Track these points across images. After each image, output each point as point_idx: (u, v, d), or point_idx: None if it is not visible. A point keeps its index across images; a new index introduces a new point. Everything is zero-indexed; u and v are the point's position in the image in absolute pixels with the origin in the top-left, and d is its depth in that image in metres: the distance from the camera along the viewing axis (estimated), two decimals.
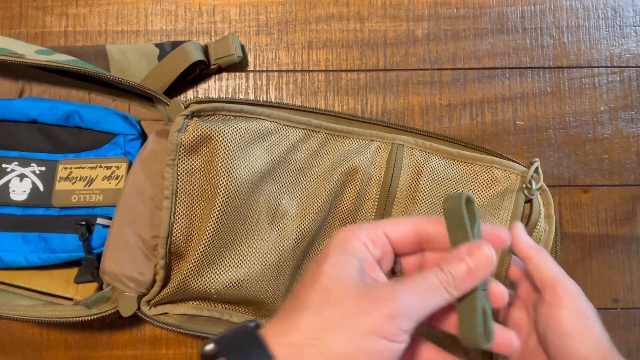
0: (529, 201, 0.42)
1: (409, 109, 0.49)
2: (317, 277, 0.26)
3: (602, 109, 0.49)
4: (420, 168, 0.43)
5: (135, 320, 0.46)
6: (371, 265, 0.27)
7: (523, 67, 0.49)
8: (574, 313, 0.32)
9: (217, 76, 0.49)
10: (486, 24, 0.49)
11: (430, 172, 0.43)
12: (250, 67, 0.49)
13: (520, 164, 0.43)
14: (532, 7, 0.50)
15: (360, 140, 0.44)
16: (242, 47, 0.48)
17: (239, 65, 0.48)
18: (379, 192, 0.43)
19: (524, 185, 0.42)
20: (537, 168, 0.42)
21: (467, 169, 0.43)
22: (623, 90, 0.49)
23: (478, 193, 0.43)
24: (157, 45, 0.46)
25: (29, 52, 0.43)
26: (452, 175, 0.43)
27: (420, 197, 0.43)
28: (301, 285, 0.27)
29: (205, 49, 0.47)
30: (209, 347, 0.25)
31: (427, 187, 0.43)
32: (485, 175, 0.43)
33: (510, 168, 0.43)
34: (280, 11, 0.49)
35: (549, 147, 0.48)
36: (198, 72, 0.47)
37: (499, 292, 0.27)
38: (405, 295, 0.25)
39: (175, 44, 0.46)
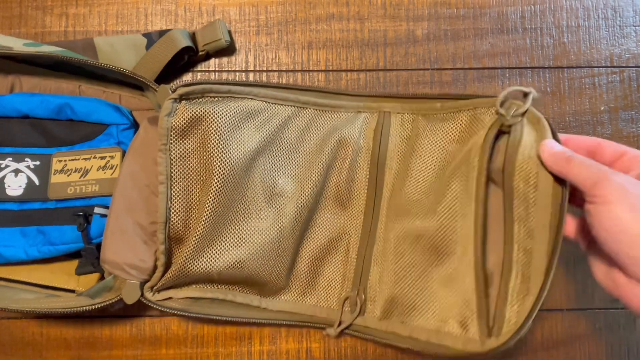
0: (506, 132, 0.37)
1: None
2: None
3: (602, 109, 0.49)
4: (407, 132, 0.44)
5: (136, 320, 0.46)
6: None
7: (523, 67, 0.49)
8: (626, 205, 0.30)
9: (216, 76, 0.49)
10: (486, 24, 0.49)
11: (417, 135, 0.43)
12: (250, 67, 0.49)
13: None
14: (532, 7, 0.50)
15: (348, 113, 0.44)
16: (229, 32, 0.48)
17: (227, 51, 0.48)
18: (369, 162, 0.44)
19: (498, 112, 0.37)
20: (529, 95, 0.36)
21: (453, 124, 0.41)
22: (623, 90, 0.49)
23: (470, 140, 0.40)
24: (144, 35, 0.46)
25: (17, 44, 0.43)
26: (440, 130, 0.42)
27: (412, 161, 0.43)
28: None
29: (193, 36, 0.47)
30: None
31: (416, 152, 0.43)
32: (472, 120, 0.40)
33: (492, 106, 0.39)
34: (280, 11, 0.49)
35: None
36: (187, 59, 0.47)
37: None
38: None
39: (162, 33, 0.46)
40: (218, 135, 0.39)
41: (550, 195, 0.36)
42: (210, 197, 0.39)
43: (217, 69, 0.49)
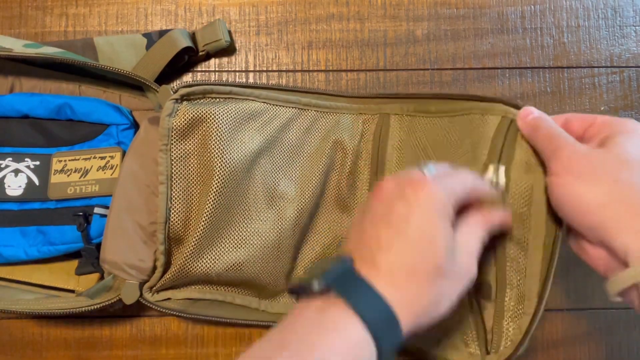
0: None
1: None
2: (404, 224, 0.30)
3: (602, 109, 0.49)
4: (405, 135, 0.43)
5: (135, 320, 0.46)
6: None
7: (523, 67, 0.49)
8: (572, 176, 0.30)
9: (216, 76, 0.49)
10: (486, 24, 0.49)
11: (416, 137, 0.43)
12: (250, 67, 0.49)
13: (504, 103, 0.39)
14: (532, 7, 0.50)
15: (349, 115, 0.44)
16: (229, 32, 0.48)
17: (227, 51, 0.48)
18: (369, 165, 0.44)
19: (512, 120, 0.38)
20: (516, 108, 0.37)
21: (450, 123, 0.41)
22: (623, 90, 0.49)
23: (468, 138, 0.40)
24: (144, 35, 0.46)
25: (16, 46, 0.43)
26: (438, 133, 0.42)
27: (410, 162, 0.42)
28: (378, 226, 0.30)
29: (193, 36, 0.47)
30: (316, 283, 0.28)
31: (415, 154, 0.42)
32: (472, 123, 0.40)
33: (503, 114, 0.39)
34: (280, 11, 0.49)
35: None
36: (187, 59, 0.47)
37: None
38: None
39: (162, 33, 0.46)
40: (219, 137, 0.39)
41: (544, 213, 0.35)
42: (210, 198, 0.39)
43: (217, 69, 0.49)
